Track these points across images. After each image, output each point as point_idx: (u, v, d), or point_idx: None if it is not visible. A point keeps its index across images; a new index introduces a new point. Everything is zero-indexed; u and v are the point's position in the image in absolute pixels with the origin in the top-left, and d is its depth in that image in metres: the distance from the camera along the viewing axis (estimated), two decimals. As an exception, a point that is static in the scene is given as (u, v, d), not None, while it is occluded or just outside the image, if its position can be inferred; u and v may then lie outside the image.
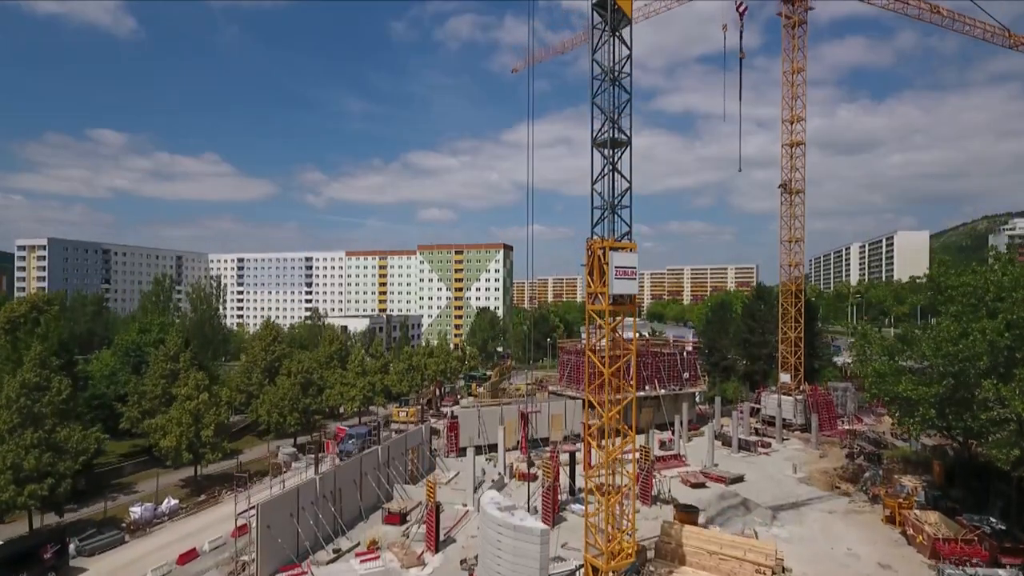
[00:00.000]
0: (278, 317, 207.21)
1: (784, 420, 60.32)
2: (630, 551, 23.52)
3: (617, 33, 22.04)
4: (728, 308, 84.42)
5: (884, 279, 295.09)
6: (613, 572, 22.85)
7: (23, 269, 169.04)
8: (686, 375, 64.21)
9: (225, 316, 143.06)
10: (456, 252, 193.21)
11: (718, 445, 54.20)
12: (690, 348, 68.85)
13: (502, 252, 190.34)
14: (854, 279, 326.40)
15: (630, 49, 21.95)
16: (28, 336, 42.28)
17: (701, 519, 35.20)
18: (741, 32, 38.52)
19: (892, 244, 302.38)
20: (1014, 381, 25.59)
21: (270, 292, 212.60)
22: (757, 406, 63.65)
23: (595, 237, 21.58)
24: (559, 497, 37.37)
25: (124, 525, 32.01)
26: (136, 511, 32.58)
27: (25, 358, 34.40)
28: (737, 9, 31.85)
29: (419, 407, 59.48)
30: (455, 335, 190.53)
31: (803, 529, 34.02)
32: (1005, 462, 26.27)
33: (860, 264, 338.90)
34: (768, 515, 35.77)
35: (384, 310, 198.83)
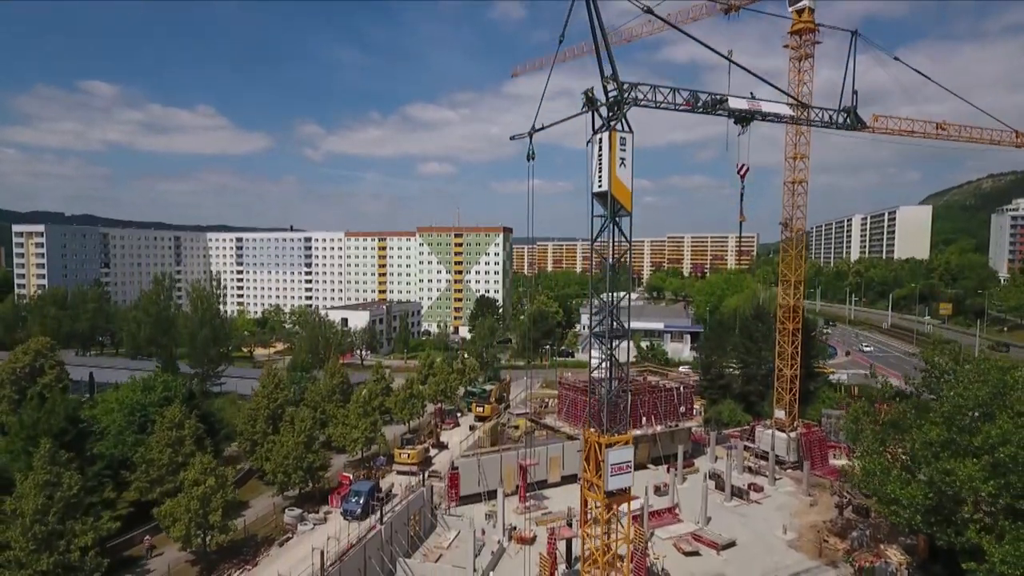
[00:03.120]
0: (278, 298, 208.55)
1: (777, 457, 61.83)
2: None
3: (616, 221, 21.99)
4: (727, 327, 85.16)
5: (884, 255, 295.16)
6: None
7: (22, 256, 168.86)
8: (682, 409, 65.32)
9: (225, 300, 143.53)
10: (456, 235, 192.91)
11: (711, 487, 55.80)
12: (689, 383, 69.73)
13: (501, 235, 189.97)
14: (855, 253, 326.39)
15: (630, 241, 21.97)
16: (35, 411, 43.07)
17: (692, 604, 36.79)
18: (742, 194, 37.90)
19: (894, 219, 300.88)
20: (995, 533, 26.47)
21: (269, 272, 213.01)
22: (751, 445, 65.01)
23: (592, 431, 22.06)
24: (556, 569, 38.77)
25: (139, 624, 33.61)
26: (150, 609, 34.19)
27: (35, 456, 35.21)
28: (738, 172, 31.31)
29: (424, 447, 60.78)
30: (455, 318, 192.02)
31: (789, 621, 35.48)
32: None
33: (861, 237, 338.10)
34: (756, 601, 37.27)
35: (384, 293, 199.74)
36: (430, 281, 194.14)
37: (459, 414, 79.80)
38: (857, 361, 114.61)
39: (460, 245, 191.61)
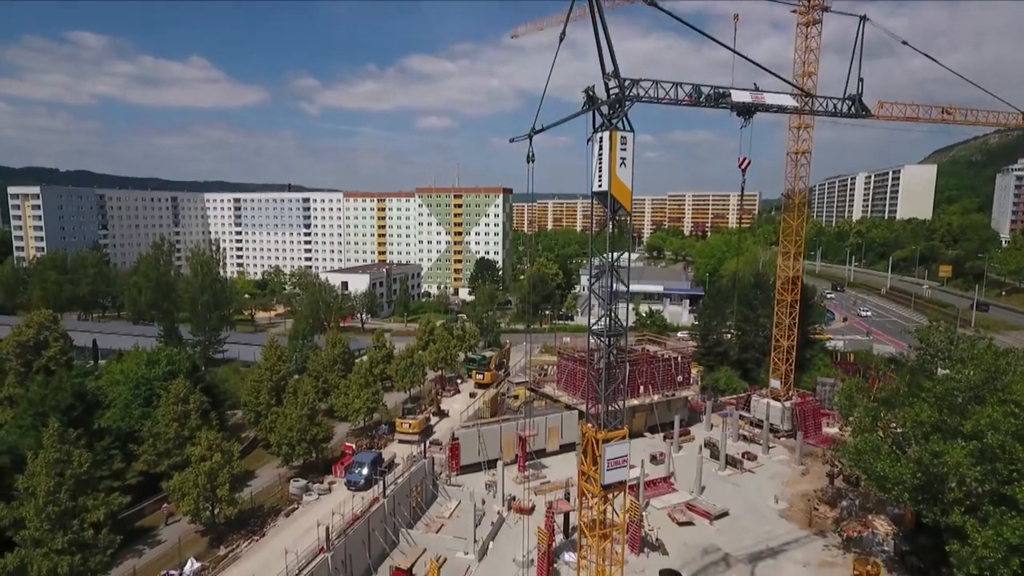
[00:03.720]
0: (277, 260, 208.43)
1: (771, 426, 63.08)
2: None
3: (617, 216, 21.92)
4: (725, 295, 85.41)
5: (887, 215, 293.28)
6: None
7: (19, 218, 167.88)
8: (680, 378, 66.22)
9: (225, 263, 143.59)
10: (455, 196, 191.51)
11: (706, 456, 57.12)
12: (686, 352, 70.41)
13: (501, 197, 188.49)
14: (857, 212, 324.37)
15: (629, 240, 21.92)
16: (42, 387, 43.71)
17: (685, 574, 38.20)
18: (743, 187, 37.15)
19: (899, 178, 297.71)
20: (979, 516, 27.29)
21: (268, 233, 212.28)
22: (746, 414, 66.16)
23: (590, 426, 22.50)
24: (554, 540, 40.10)
25: (153, 596, 35.03)
26: (163, 583, 35.55)
27: (44, 435, 35.94)
28: (739, 166, 30.66)
29: (425, 416, 61.90)
30: (455, 279, 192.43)
31: (777, 591, 36.91)
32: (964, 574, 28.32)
33: (864, 196, 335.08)
34: (747, 572, 38.69)
35: (384, 254, 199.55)
36: (430, 243, 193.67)
37: (459, 381, 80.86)
38: (855, 326, 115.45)
39: (460, 206, 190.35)
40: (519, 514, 45.42)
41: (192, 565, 37.40)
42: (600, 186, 21.58)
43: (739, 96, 23.49)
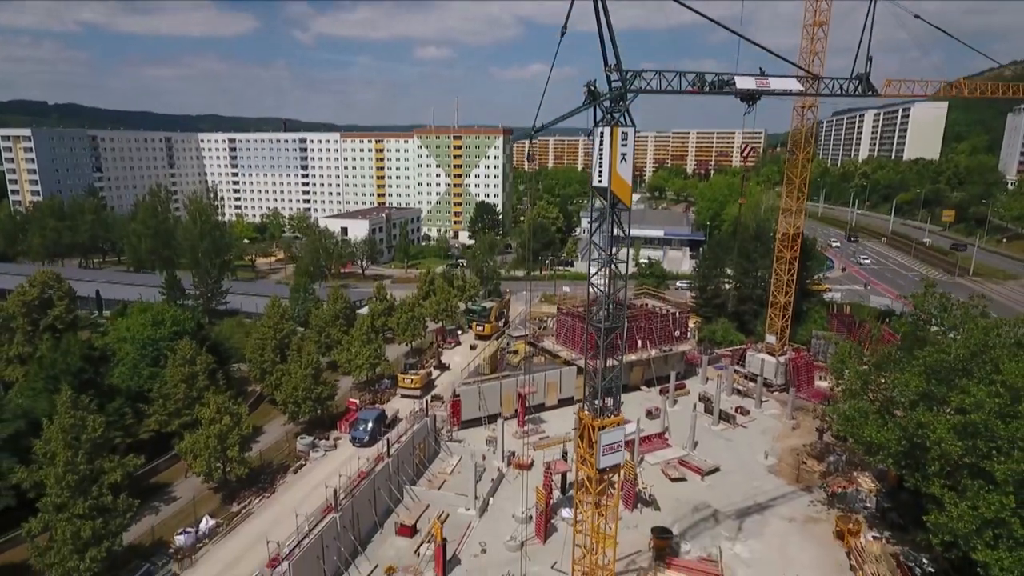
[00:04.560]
0: (275, 202, 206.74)
1: (765, 380, 64.60)
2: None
3: (616, 214, 21.90)
4: (725, 246, 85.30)
5: (894, 154, 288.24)
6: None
7: (12, 161, 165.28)
8: (677, 333, 67.21)
9: (223, 208, 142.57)
10: (455, 137, 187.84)
11: (700, 410, 58.88)
12: (684, 308, 71.05)
13: (501, 138, 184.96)
14: (864, 151, 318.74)
15: (628, 235, 21.98)
16: (52, 351, 44.56)
17: (676, 530, 40.24)
18: (744, 177, 36.33)
19: (908, 115, 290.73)
20: (958, 489, 28.54)
21: (265, 175, 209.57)
22: (740, 368, 67.52)
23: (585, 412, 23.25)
24: (552, 498, 42.01)
25: (172, 552, 36.95)
26: (180, 539, 37.37)
27: (57, 401, 37.02)
28: (742, 154, 29.74)
29: (426, 371, 63.30)
30: (454, 222, 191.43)
31: (762, 546, 38.90)
32: (937, 543, 29.93)
33: (872, 133, 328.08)
34: (734, 528, 40.72)
35: (383, 197, 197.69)
36: (429, 185, 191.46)
37: (460, 332, 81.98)
38: (854, 275, 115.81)
39: (459, 148, 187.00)
40: (518, 470, 47.28)
41: (207, 522, 39.31)
42: (600, 181, 21.45)
43: (743, 83, 22.91)
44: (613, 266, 22.02)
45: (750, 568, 36.78)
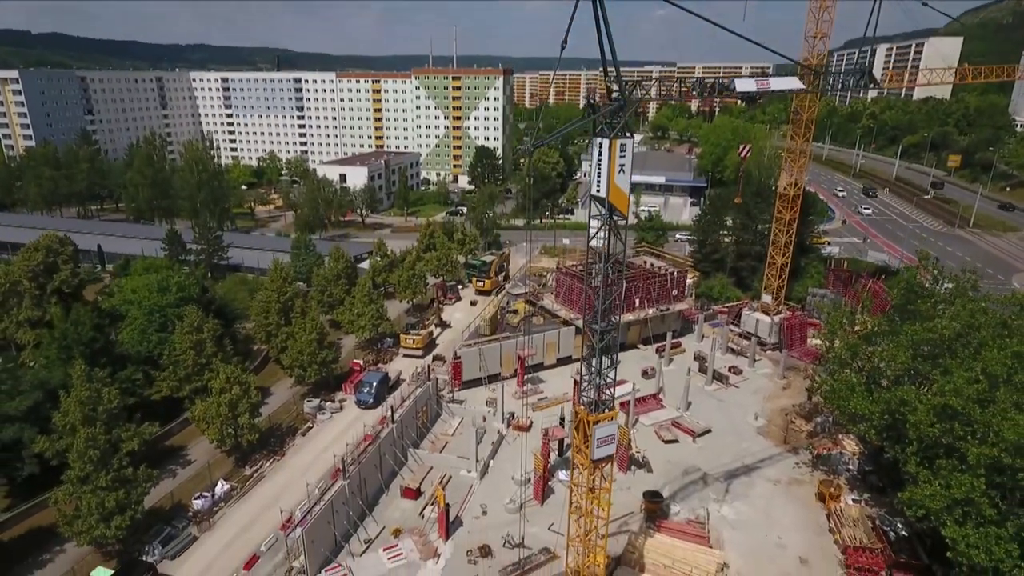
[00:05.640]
0: (272, 144, 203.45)
1: (759, 338, 66.08)
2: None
3: (614, 223, 22.33)
4: (725, 200, 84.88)
5: (904, 93, 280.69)
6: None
7: (1, 104, 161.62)
8: (675, 292, 68.14)
9: (219, 152, 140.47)
10: (454, 78, 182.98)
11: (695, 369, 60.58)
12: (683, 266, 71.63)
13: (501, 78, 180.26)
14: (873, 89, 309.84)
15: (624, 242, 22.43)
16: (62, 321, 45.58)
17: (667, 492, 42.49)
18: (740, 176, 35.59)
19: (921, 50, 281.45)
20: (932, 468, 30.12)
21: (260, 116, 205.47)
22: (736, 328, 68.82)
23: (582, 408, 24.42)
24: (549, 461, 44.05)
25: (190, 516, 39.20)
26: (198, 503, 39.58)
27: (72, 373, 38.37)
28: (739, 154, 29.11)
29: (428, 331, 64.66)
30: (454, 166, 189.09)
31: (748, 508, 41.16)
32: (911, 515, 31.80)
33: (884, 69, 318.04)
34: (722, 490, 42.92)
35: (381, 140, 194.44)
36: (428, 128, 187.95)
37: (460, 287, 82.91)
38: (854, 227, 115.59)
39: (458, 89, 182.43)
40: (518, 431, 49.30)
41: (222, 486, 41.49)
42: (598, 191, 21.76)
43: (744, 86, 22.74)
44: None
45: (735, 530, 39.09)
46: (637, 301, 65.76)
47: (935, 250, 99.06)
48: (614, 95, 20.54)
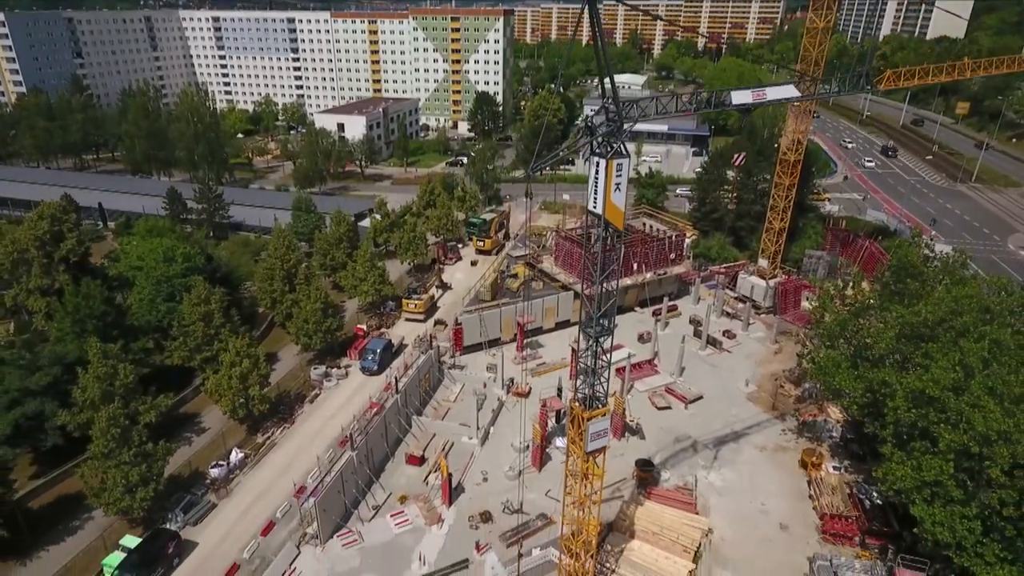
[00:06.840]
0: (266, 88, 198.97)
1: (754, 302, 67.43)
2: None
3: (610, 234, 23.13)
4: (727, 158, 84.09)
5: (918, 32, 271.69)
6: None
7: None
8: (672, 256, 68.96)
9: (213, 98, 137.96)
10: (453, 18, 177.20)
11: (690, 334, 62.19)
12: (681, 230, 72.09)
13: (502, 20, 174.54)
14: (887, 27, 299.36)
15: (620, 249, 23.28)
16: (73, 295, 46.70)
17: (658, 459, 44.84)
18: (736, 181, 34.93)
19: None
20: (907, 448, 31.96)
21: (254, 58, 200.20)
22: (732, 293, 70.00)
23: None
24: (547, 430, 46.15)
25: (208, 483, 41.60)
26: (214, 472, 41.90)
27: (88, 349, 39.93)
28: (733, 163, 28.78)
29: (429, 295, 65.96)
30: (453, 112, 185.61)
31: (734, 475, 43.52)
32: (885, 489, 33.93)
33: (899, 7, 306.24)
34: (711, 457, 45.25)
35: (378, 83, 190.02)
36: (426, 71, 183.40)
37: (460, 246, 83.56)
38: (856, 182, 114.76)
39: (457, 31, 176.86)
40: (517, 398, 51.32)
41: (236, 455, 43.77)
42: (595, 208, 22.46)
43: (740, 98, 22.93)
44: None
45: (722, 496, 41.58)
46: (635, 266, 66.66)
47: (935, 207, 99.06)
48: (610, 114, 20.95)
